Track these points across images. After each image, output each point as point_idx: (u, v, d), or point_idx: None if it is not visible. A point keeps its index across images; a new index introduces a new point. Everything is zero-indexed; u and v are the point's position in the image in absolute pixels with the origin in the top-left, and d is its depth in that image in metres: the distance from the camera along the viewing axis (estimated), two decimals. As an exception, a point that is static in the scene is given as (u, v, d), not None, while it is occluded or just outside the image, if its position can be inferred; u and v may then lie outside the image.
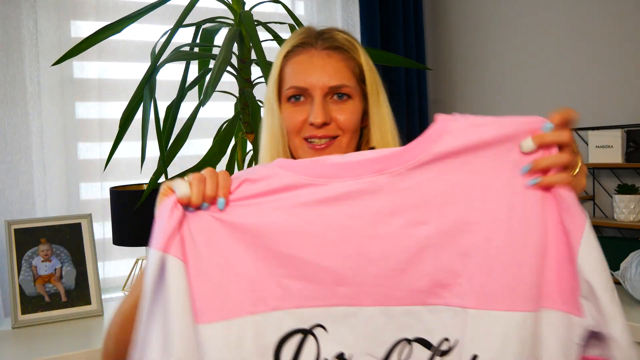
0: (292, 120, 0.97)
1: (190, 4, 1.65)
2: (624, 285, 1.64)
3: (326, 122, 0.95)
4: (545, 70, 2.26)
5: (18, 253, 1.77)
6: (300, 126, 0.97)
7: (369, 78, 1.00)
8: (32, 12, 1.95)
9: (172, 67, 2.03)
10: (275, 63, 1.01)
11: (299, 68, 0.97)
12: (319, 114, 0.94)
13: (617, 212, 1.90)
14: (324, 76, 0.95)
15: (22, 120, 1.94)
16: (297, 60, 0.98)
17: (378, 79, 1.02)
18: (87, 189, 2.08)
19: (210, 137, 1.87)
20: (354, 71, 0.99)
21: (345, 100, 0.97)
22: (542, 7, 2.27)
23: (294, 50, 0.99)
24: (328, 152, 0.96)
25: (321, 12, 2.45)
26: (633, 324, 1.47)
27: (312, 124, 0.95)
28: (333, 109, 0.96)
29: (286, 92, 0.98)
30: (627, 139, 1.93)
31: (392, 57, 1.91)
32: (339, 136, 0.97)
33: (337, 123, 0.96)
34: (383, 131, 1.00)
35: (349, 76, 0.98)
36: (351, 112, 0.97)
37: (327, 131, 0.96)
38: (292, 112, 0.97)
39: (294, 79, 0.97)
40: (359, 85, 1.00)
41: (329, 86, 0.95)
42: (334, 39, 0.99)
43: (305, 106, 0.97)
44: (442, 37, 2.71)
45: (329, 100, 0.97)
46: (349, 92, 0.97)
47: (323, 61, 0.97)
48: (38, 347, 1.55)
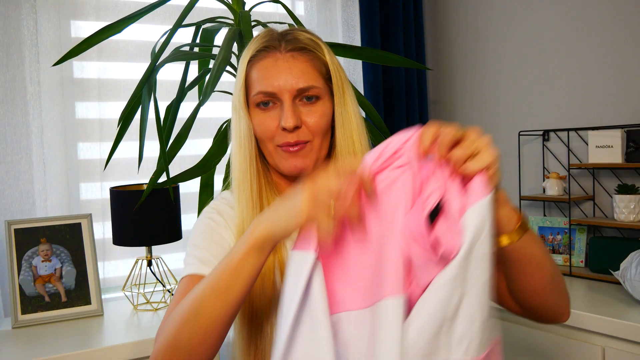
0: (264, 127, 0.97)
1: (190, 4, 1.65)
2: (624, 285, 1.64)
3: (297, 125, 0.95)
4: (545, 70, 2.26)
5: (18, 253, 1.77)
6: (273, 133, 0.97)
7: (334, 76, 0.99)
8: (32, 12, 1.95)
9: (172, 67, 2.03)
10: (240, 68, 1.00)
11: (265, 73, 0.96)
12: (290, 118, 0.94)
13: (617, 212, 1.89)
14: (291, 79, 0.95)
15: (22, 120, 1.94)
16: (262, 65, 0.97)
17: (344, 76, 1.02)
18: (87, 189, 2.08)
19: (210, 137, 1.87)
20: (320, 71, 0.98)
21: (314, 102, 0.97)
22: (542, 7, 2.27)
23: (257, 54, 0.98)
24: (301, 155, 0.97)
25: (321, 12, 2.45)
26: (633, 324, 1.47)
27: (284, 128, 0.94)
28: (303, 112, 0.96)
29: (254, 98, 0.97)
30: (627, 139, 1.93)
31: (392, 57, 1.91)
32: (310, 141, 0.97)
33: (307, 127, 0.96)
34: (347, 130, 1.00)
35: (316, 76, 0.97)
36: (320, 115, 0.97)
37: (299, 136, 0.96)
38: (263, 119, 0.97)
39: (261, 84, 0.96)
40: (326, 84, 0.99)
41: (297, 88, 0.95)
42: (297, 40, 0.98)
43: (274, 111, 0.97)
44: (442, 37, 2.71)
45: (298, 103, 0.97)
46: (318, 93, 0.97)
47: (289, 64, 0.96)
48: (38, 347, 1.55)
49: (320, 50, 0.99)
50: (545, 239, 2.16)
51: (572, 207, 2.12)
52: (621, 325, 1.50)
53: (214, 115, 2.18)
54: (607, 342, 1.55)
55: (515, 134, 2.30)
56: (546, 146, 2.24)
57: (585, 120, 2.12)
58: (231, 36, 1.59)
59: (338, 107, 1.00)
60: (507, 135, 2.38)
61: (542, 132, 2.23)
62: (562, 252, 2.10)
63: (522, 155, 2.27)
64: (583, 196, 2.07)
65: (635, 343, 1.48)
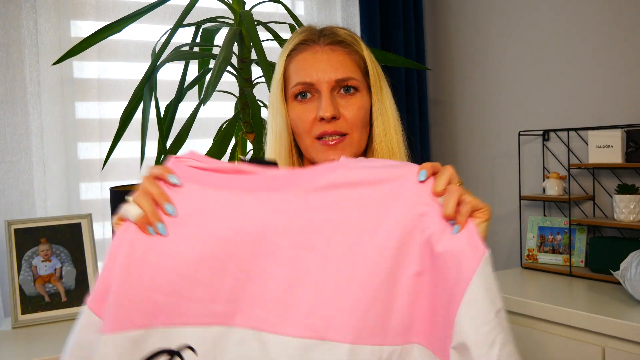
0: (302, 119, 0.96)
1: (190, 4, 1.65)
2: (624, 285, 1.64)
3: (335, 116, 0.94)
4: (545, 70, 2.26)
5: (18, 253, 1.77)
6: (311, 125, 0.96)
7: (371, 71, 0.99)
8: (32, 12, 1.95)
9: (172, 66, 2.03)
10: (279, 63, 1.00)
11: (303, 65, 0.97)
12: (328, 107, 0.93)
13: (617, 212, 1.89)
14: (329, 70, 0.95)
15: (22, 120, 1.94)
16: (300, 58, 0.98)
17: (381, 72, 1.02)
18: (87, 189, 2.08)
19: (210, 137, 1.87)
20: (358, 64, 0.98)
21: (353, 94, 0.97)
22: (542, 7, 2.27)
23: (296, 48, 0.99)
24: (340, 148, 0.95)
25: (321, 12, 2.45)
26: (633, 324, 1.47)
27: (322, 118, 0.94)
28: (341, 103, 0.96)
29: (292, 90, 0.97)
30: (627, 139, 1.93)
31: (392, 57, 1.91)
32: (349, 134, 0.96)
33: (345, 119, 0.95)
34: (386, 126, 1.00)
35: (354, 69, 0.97)
36: (358, 107, 0.96)
37: (336, 126, 0.94)
38: (301, 111, 0.96)
39: (300, 76, 0.96)
40: (364, 78, 0.99)
41: (336, 79, 0.95)
42: (335, 34, 0.99)
43: (312, 103, 0.96)
44: (442, 37, 2.71)
45: (336, 94, 0.96)
46: (356, 84, 0.97)
47: (327, 56, 0.96)
48: (38, 347, 1.54)
49: (358, 45, 1.00)
50: (545, 239, 2.16)
51: (572, 207, 2.12)
52: (621, 325, 1.50)
53: (214, 115, 2.18)
54: (607, 342, 1.55)
55: (515, 134, 2.30)
56: (546, 146, 2.24)
57: (585, 120, 2.12)
58: (232, 36, 1.59)
59: (376, 102, 1.00)
60: (507, 135, 2.38)
61: (542, 132, 2.23)
62: (562, 252, 2.10)
63: (522, 155, 2.27)
64: (583, 196, 2.07)
65: (635, 343, 1.48)
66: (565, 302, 1.69)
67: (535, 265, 2.13)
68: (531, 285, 1.96)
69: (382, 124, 1.00)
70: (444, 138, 2.70)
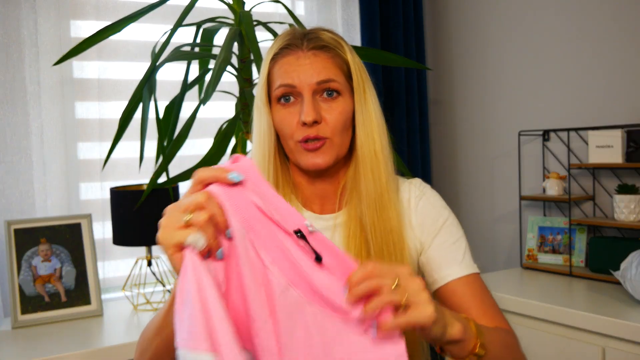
0: (285, 123, 0.98)
1: (190, 4, 1.65)
2: (624, 285, 1.64)
3: (317, 120, 0.95)
4: (545, 70, 2.26)
5: (18, 253, 1.77)
6: (294, 129, 0.97)
7: (355, 75, 1.00)
8: (32, 12, 1.95)
9: (172, 66, 2.03)
10: (263, 66, 1.02)
11: (286, 68, 0.98)
12: (310, 112, 0.95)
13: (617, 212, 1.89)
14: (311, 73, 0.96)
15: (22, 120, 1.94)
16: (284, 62, 0.98)
17: (365, 76, 1.02)
18: (87, 189, 2.08)
19: (211, 137, 1.87)
20: (341, 68, 0.99)
21: (335, 98, 0.98)
22: (542, 7, 2.27)
23: (280, 52, 1.00)
24: (321, 152, 0.97)
25: (321, 12, 2.45)
26: (633, 324, 1.47)
27: (304, 122, 0.95)
28: (323, 107, 0.97)
29: (275, 92, 0.98)
30: (627, 139, 1.93)
31: (392, 57, 1.91)
32: (329, 138, 0.97)
33: (327, 123, 0.97)
34: (368, 129, 1.00)
35: (336, 72, 0.98)
36: (339, 111, 0.97)
37: (318, 131, 0.96)
38: (285, 115, 0.98)
39: (282, 78, 0.97)
40: (347, 82, 1.00)
41: (317, 81, 0.96)
42: (319, 38, 0.99)
43: (296, 107, 0.97)
44: (442, 37, 2.72)
45: (319, 98, 0.97)
46: (338, 87, 0.98)
47: (310, 60, 0.97)
48: (38, 347, 1.55)
49: (341, 48, 1.00)
50: (545, 239, 2.16)
51: (572, 207, 2.12)
52: (621, 325, 1.50)
53: (214, 115, 2.18)
54: (607, 342, 1.55)
55: (515, 134, 2.30)
56: (546, 146, 2.24)
57: (585, 120, 2.12)
58: (232, 36, 1.59)
59: (359, 106, 1.00)
60: (507, 135, 2.38)
61: (542, 132, 2.23)
62: (562, 252, 2.10)
63: (522, 155, 2.27)
64: (583, 196, 2.07)
65: (635, 343, 1.48)
66: (565, 302, 1.69)
67: (536, 265, 2.13)
68: (531, 285, 1.96)
69: (365, 127, 1.00)
70: (444, 138, 2.70)
